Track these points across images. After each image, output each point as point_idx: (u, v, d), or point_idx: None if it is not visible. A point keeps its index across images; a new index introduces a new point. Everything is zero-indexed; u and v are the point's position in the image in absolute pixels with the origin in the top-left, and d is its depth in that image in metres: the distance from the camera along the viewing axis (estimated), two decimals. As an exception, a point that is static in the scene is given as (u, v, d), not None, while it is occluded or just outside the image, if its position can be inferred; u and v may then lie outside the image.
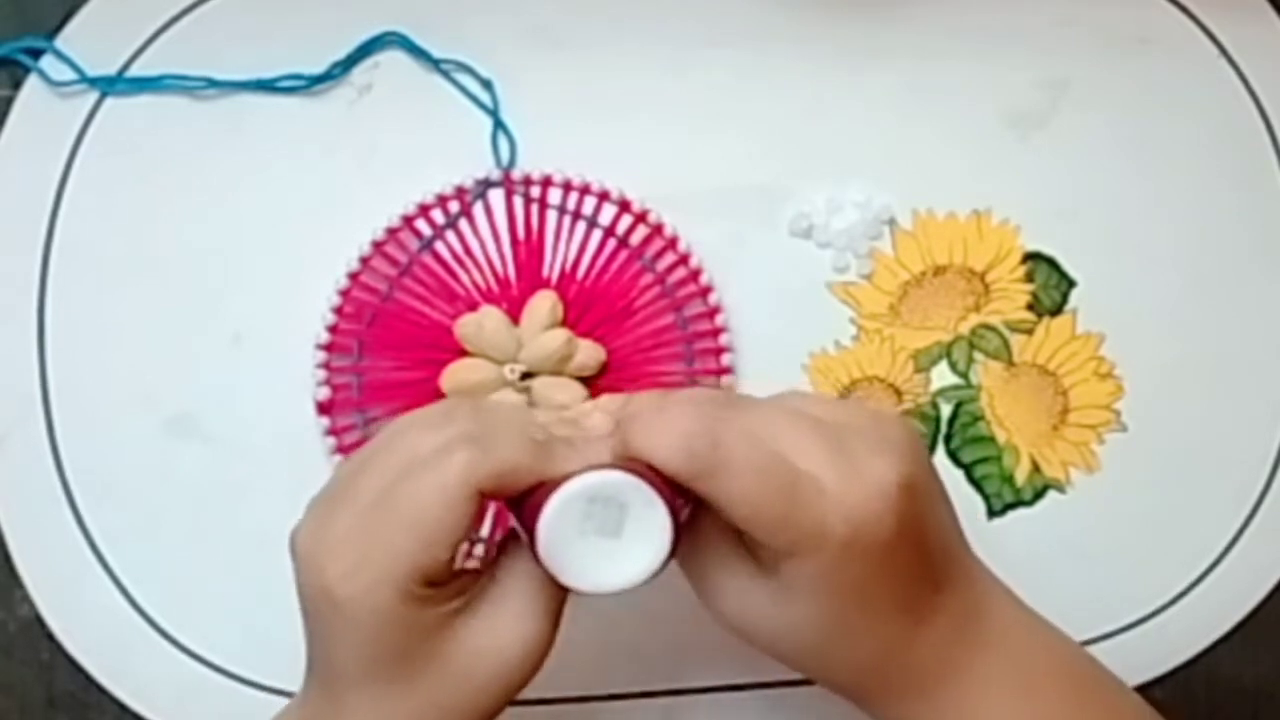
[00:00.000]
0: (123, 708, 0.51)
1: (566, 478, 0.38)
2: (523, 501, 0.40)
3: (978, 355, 0.54)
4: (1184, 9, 0.54)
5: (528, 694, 0.51)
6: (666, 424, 0.40)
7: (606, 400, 0.48)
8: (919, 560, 0.40)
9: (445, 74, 0.53)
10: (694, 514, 0.41)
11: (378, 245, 0.52)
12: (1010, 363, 0.54)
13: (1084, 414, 0.54)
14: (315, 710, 0.42)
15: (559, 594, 0.41)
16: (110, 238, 0.52)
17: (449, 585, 0.40)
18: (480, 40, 0.53)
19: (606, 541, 0.39)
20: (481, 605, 0.40)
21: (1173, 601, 0.53)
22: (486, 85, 0.53)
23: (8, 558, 0.51)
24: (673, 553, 0.39)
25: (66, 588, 0.51)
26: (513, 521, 0.42)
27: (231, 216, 0.52)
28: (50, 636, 0.51)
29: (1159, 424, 0.54)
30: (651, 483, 0.39)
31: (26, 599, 0.51)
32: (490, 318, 0.51)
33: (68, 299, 0.52)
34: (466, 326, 0.51)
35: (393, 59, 0.53)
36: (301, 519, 0.40)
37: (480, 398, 0.51)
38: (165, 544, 0.51)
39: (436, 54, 0.53)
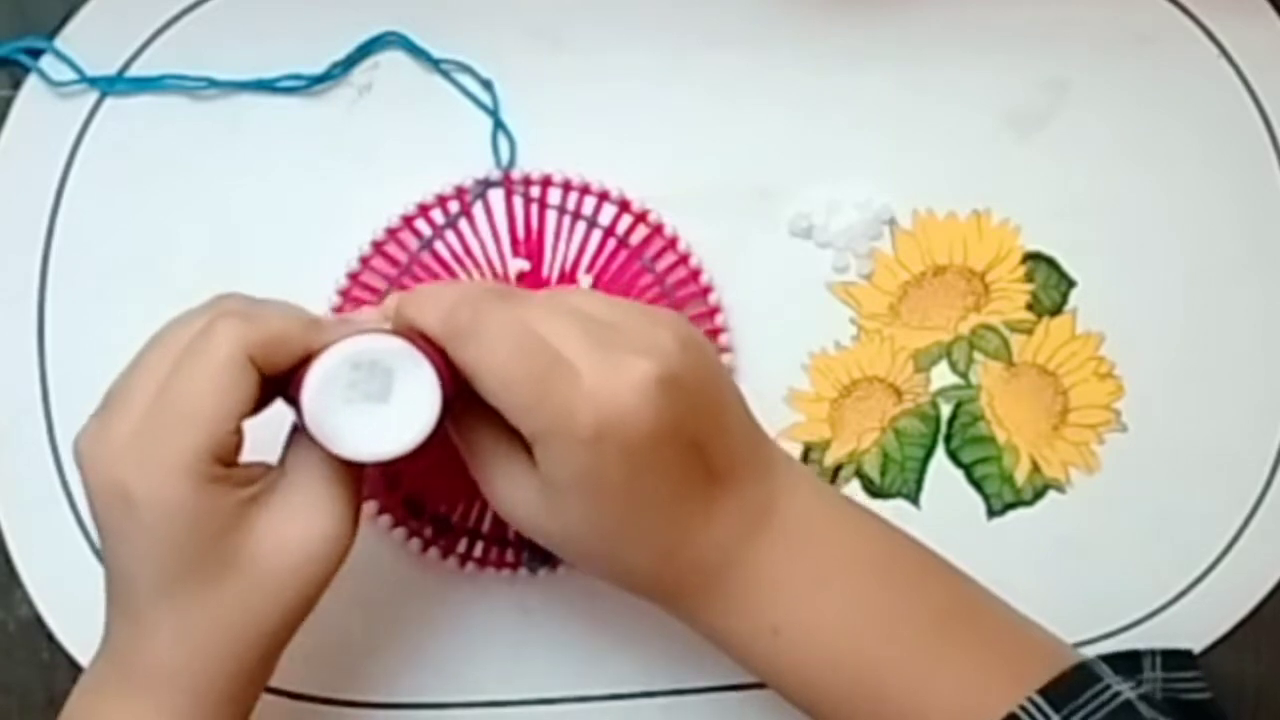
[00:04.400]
0: (123, 708, 0.51)
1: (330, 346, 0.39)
2: (293, 380, 0.40)
3: (978, 355, 0.54)
4: (1184, 9, 0.54)
5: (528, 694, 0.52)
6: (434, 293, 0.41)
7: (388, 300, 0.48)
8: (691, 458, 0.41)
9: (445, 74, 0.53)
10: (469, 406, 0.41)
11: (378, 245, 0.52)
12: (1010, 363, 0.54)
13: (1084, 414, 0.54)
14: (118, 640, 0.42)
15: (350, 482, 0.41)
16: (110, 238, 0.52)
17: (242, 468, 0.40)
18: (480, 40, 0.53)
19: (375, 407, 0.39)
20: (273, 498, 0.40)
21: (1173, 601, 0.53)
22: (486, 85, 0.53)
23: (8, 558, 0.51)
24: (442, 420, 0.39)
25: (66, 588, 0.51)
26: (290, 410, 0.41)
27: (231, 216, 0.52)
28: (50, 637, 0.51)
29: (1159, 424, 0.54)
30: (417, 345, 0.39)
31: (26, 599, 0.51)
32: (490, 318, 0.51)
33: (68, 299, 0.52)
34: (466, 326, 0.51)
35: (393, 59, 0.53)
36: (82, 428, 0.40)
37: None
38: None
39: (436, 54, 0.53)
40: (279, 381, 0.41)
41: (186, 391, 0.39)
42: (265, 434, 0.42)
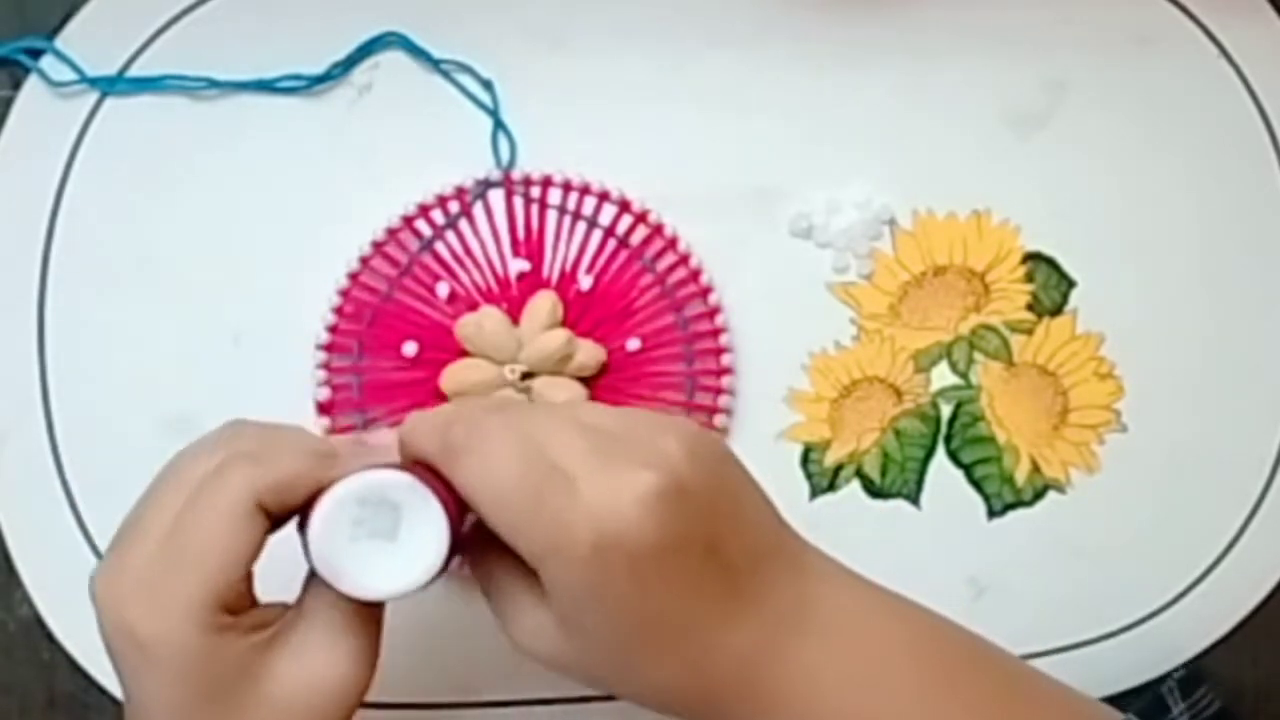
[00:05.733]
0: (123, 708, 0.51)
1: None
2: (304, 515, 0.39)
3: (978, 355, 0.54)
4: (1184, 9, 0.54)
5: (528, 693, 0.52)
6: (431, 415, 0.40)
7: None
8: (707, 565, 0.38)
9: (445, 74, 0.53)
10: (482, 538, 0.40)
11: (378, 245, 0.52)
12: (1010, 363, 0.54)
13: (1084, 414, 0.54)
14: None
15: (368, 622, 0.40)
16: (110, 238, 0.52)
17: (251, 613, 0.39)
18: (480, 40, 0.53)
19: (383, 544, 0.38)
20: (289, 639, 0.39)
21: (1173, 601, 0.53)
22: (486, 85, 0.53)
23: (8, 558, 0.51)
24: (451, 555, 0.38)
25: (66, 588, 0.51)
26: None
27: (231, 216, 0.52)
28: (50, 637, 0.51)
29: (1159, 424, 0.54)
30: (425, 480, 0.38)
31: (26, 599, 0.51)
32: (490, 318, 0.51)
33: (68, 299, 0.52)
34: (466, 326, 0.51)
35: (393, 59, 0.53)
36: (98, 564, 0.40)
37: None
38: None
39: (436, 54, 0.53)
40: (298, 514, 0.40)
41: (194, 539, 0.38)
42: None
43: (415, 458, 0.40)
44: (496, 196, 0.53)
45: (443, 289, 0.52)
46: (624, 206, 0.53)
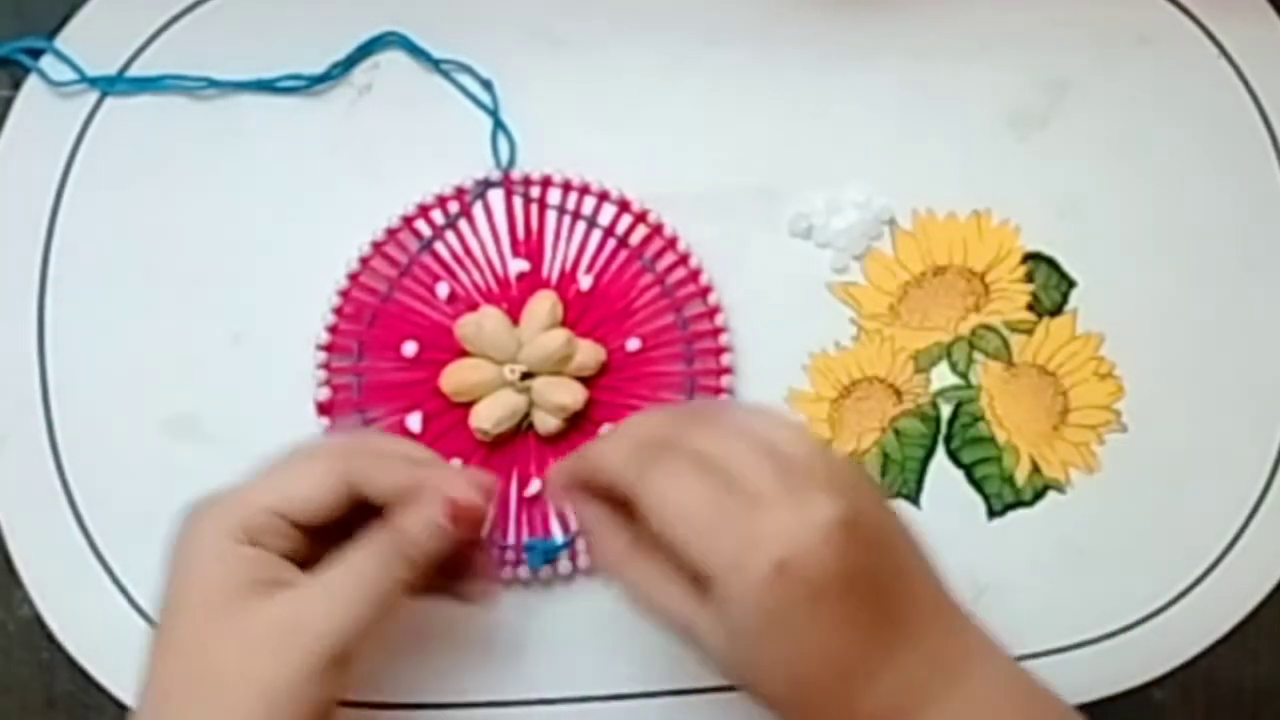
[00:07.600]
0: (123, 708, 0.51)
1: None
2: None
3: (978, 355, 0.54)
4: (1184, 9, 0.54)
5: (528, 694, 0.52)
6: (620, 436, 0.42)
7: None
8: (869, 609, 0.39)
9: (445, 74, 0.53)
10: (639, 552, 0.41)
11: (377, 245, 0.52)
12: (1010, 363, 0.54)
13: (1084, 414, 0.54)
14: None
15: (383, 591, 0.42)
16: (110, 238, 0.52)
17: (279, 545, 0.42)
18: (480, 40, 0.53)
19: None
20: (315, 577, 0.42)
21: (1173, 601, 0.53)
22: (486, 85, 0.53)
23: (8, 558, 0.51)
24: None
25: (66, 588, 0.51)
26: None
27: (231, 216, 0.52)
28: (50, 636, 0.51)
29: (1159, 424, 0.54)
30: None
31: (26, 599, 0.51)
32: (490, 318, 0.51)
33: (68, 299, 0.52)
34: (466, 326, 0.51)
35: (393, 59, 0.53)
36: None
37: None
38: (165, 544, 0.51)
39: (436, 54, 0.53)
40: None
41: (276, 472, 0.43)
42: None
43: (601, 476, 0.41)
44: (496, 196, 0.53)
45: (442, 289, 0.52)
46: (624, 206, 0.53)
